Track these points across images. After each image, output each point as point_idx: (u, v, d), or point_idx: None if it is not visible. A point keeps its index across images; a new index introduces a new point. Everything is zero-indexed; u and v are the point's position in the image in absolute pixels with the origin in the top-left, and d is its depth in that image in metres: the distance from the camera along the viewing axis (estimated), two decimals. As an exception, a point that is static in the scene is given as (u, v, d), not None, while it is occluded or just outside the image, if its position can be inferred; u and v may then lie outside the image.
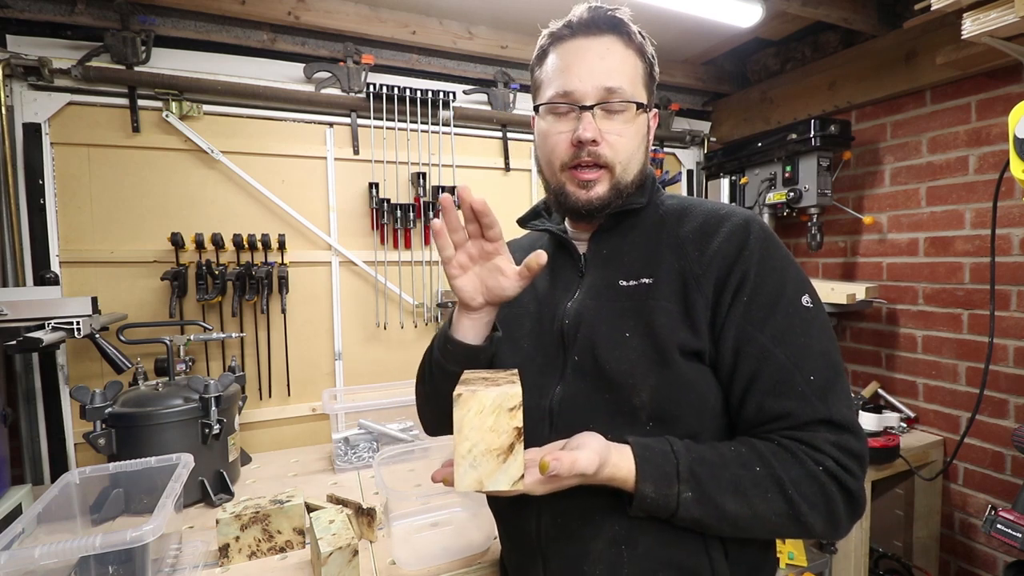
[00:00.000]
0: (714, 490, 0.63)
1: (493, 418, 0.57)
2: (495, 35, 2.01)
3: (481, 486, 0.57)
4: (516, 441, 0.57)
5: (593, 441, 0.63)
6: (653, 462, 0.64)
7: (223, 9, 1.65)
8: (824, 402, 0.65)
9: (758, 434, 0.68)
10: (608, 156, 0.73)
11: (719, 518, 0.64)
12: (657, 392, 0.69)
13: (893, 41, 1.84)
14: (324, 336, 1.92)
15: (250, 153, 1.79)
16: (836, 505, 0.63)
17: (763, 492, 0.63)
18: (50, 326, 1.28)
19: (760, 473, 0.64)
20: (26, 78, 1.53)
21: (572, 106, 0.74)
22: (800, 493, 0.63)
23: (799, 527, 0.64)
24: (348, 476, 1.52)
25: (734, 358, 0.69)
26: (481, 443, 0.57)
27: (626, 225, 0.80)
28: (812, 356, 0.67)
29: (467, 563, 1.07)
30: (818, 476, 0.63)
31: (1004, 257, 1.64)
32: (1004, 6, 1.11)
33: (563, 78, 0.74)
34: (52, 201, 1.57)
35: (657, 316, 0.70)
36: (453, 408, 0.57)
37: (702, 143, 2.56)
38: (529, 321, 0.82)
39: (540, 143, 0.80)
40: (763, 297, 0.69)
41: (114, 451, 1.27)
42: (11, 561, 0.77)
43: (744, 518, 0.63)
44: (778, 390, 0.66)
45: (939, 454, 1.81)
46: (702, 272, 0.71)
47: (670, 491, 0.63)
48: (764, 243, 0.72)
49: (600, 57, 0.74)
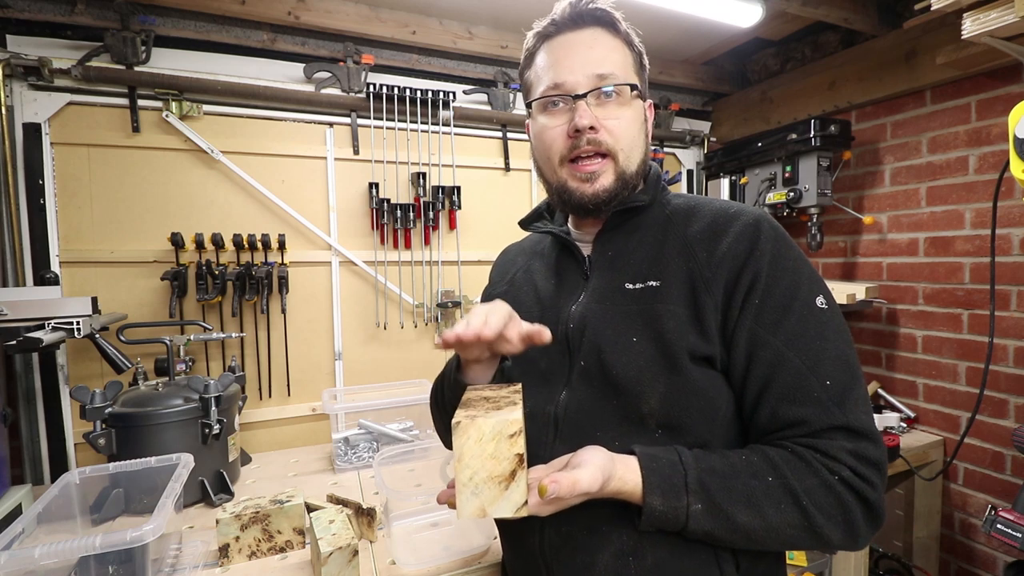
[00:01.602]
0: (725, 501, 0.61)
1: (493, 445, 0.55)
2: (495, 35, 2.01)
3: (484, 513, 0.56)
4: (518, 467, 0.56)
5: (595, 456, 0.61)
6: (660, 473, 0.62)
7: (223, 9, 1.65)
8: (841, 408, 0.63)
9: (772, 441, 0.66)
10: (609, 143, 0.72)
11: (731, 530, 0.61)
12: (666, 399, 0.67)
13: (893, 41, 1.84)
14: (324, 336, 1.92)
15: (250, 153, 1.79)
16: (854, 516, 0.61)
17: (776, 503, 0.61)
18: (50, 326, 1.28)
19: (773, 483, 0.61)
20: (26, 78, 1.53)
21: (565, 97, 0.72)
22: (815, 504, 0.60)
23: (815, 539, 0.61)
24: (348, 476, 1.52)
25: (747, 363, 0.67)
26: (482, 470, 0.56)
27: (631, 225, 0.78)
28: (828, 360, 0.64)
29: (467, 563, 1.07)
30: (834, 486, 0.61)
31: (1004, 257, 1.64)
32: (1004, 6, 1.11)
33: (553, 72, 0.73)
34: (52, 201, 1.57)
35: (665, 320, 0.69)
36: (452, 436, 0.56)
37: (702, 143, 2.56)
38: None
39: (536, 142, 0.79)
40: (775, 299, 0.67)
41: (114, 451, 1.27)
42: (11, 561, 0.77)
43: (757, 530, 0.61)
44: (793, 396, 0.64)
45: (939, 454, 1.81)
46: (711, 275, 0.69)
47: (679, 503, 0.61)
48: (776, 243, 0.70)
49: (588, 47, 0.73)
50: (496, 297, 0.90)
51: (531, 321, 0.81)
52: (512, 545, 0.82)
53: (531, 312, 0.82)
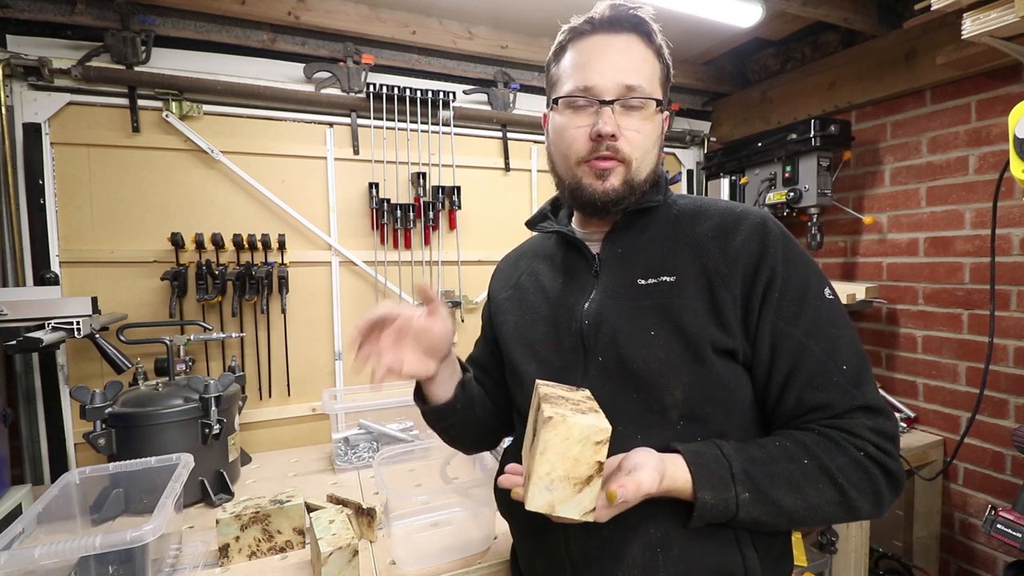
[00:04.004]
0: (769, 488, 0.64)
1: (579, 448, 0.56)
2: (495, 35, 2.01)
3: (552, 510, 0.57)
4: (595, 474, 0.57)
5: (650, 458, 0.63)
6: (708, 468, 0.64)
7: (223, 9, 1.65)
8: (860, 389, 0.67)
9: (798, 425, 0.69)
10: (625, 151, 0.73)
11: (776, 514, 0.64)
12: (691, 389, 0.69)
13: (893, 41, 1.83)
14: (324, 336, 1.92)
15: (250, 153, 1.79)
16: (880, 487, 0.65)
17: (815, 483, 0.64)
18: (50, 326, 1.28)
19: (809, 465, 0.65)
20: (26, 78, 1.53)
21: (591, 100, 0.73)
22: (848, 480, 0.64)
23: (849, 512, 0.66)
24: (348, 476, 1.52)
25: (771, 354, 0.70)
26: (561, 469, 0.57)
27: (641, 224, 0.80)
28: (843, 347, 0.69)
29: (467, 563, 1.07)
30: (861, 461, 0.65)
31: (1004, 257, 1.64)
32: (1004, 6, 1.11)
33: (583, 73, 0.74)
34: (52, 201, 1.57)
35: (684, 314, 0.70)
36: (539, 426, 0.57)
37: (702, 143, 2.56)
38: (543, 325, 0.81)
39: (555, 138, 0.79)
40: (792, 293, 0.70)
41: (114, 451, 1.27)
42: (11, 561, 0.78)
43: (799, 511, 0.64)
44: (816, 383, 0.68)
45: (939, 454, 1.81)
46: (728, 270, 0.71)
47: (728, 495, 0.63)
48: (784, 240, 0.73)
49: (621, 54, 0.73)
50: (501, 304, 0.91)
51: (541, 320, 0.82)
52: (531, 544, 0.82)
53: (540, 311, 0.83)
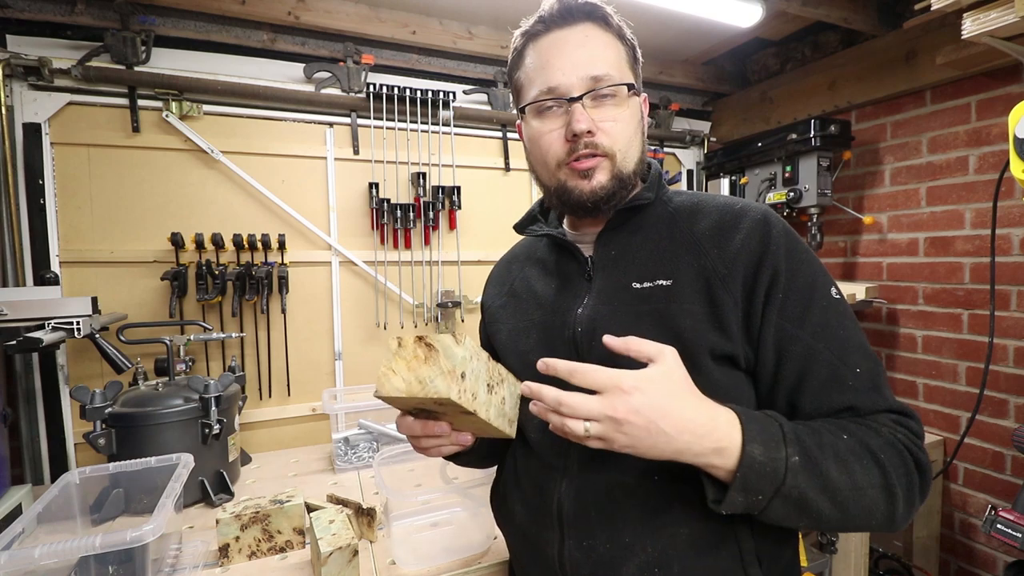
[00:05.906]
0: (818, 455, 0.58)
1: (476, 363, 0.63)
2: (495, 35, 2.02)
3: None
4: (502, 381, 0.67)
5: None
6: (759, 422, 0.59)
7: (223, 9, 1.65)
8: (879, 393, 0.64)
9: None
10: (606, 144, 0.70)
11: (822, 488, 0.57)
12: None
13: (893, 41, 1.84)
14: (324, 336, 1.92)
15: (250, 153, 1.79)
16: (913, 476, 0.60)
17: (859, 458, 0.59)
18: (50, 326, 1.28)
19: (850, 441, 0.60)
20: (26, 78, 1.53)
21: (559, 101, 0.70)
22: (889, 461, 0.59)
23: (890, 500, 0.59)
24: (348, 476, 1.52)
25: (776, 358, 0.66)
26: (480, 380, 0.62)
27: (634, 223, 0.76)
28: (853, 349, 0.65)
29: (467, 563, 1.07)
30: (896, 444, 0.61)
31: (1004, 257, 1.64)
32: (1004, 6, 1.11)
33: (544, 74, 0.71)
34: (52, 201, 1.57)
35: (682, 320, 0.66)
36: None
37: (702, 143, 2.56)
38: (536, 332, 0.78)
39: (532, 146, 0.75)
40: (797, 293, 0.66)
41: (114, 451, 1.27)
42: (11, 561, 0.78)
43: (844, 489, 0.58)
44: (829, 387, 0.64)
45: (939, 454, 1.81)
46: (727, 271, 0.67)
47: (779, 454, 0.57)
48: (787, 237, 0.69)
49: (579, 46, 0.70)
50: (496, 313, 0.88)
51: (534, 328, 0.79)
52: (528, 555, 0.80)
53: (533, 318, 0.80)
